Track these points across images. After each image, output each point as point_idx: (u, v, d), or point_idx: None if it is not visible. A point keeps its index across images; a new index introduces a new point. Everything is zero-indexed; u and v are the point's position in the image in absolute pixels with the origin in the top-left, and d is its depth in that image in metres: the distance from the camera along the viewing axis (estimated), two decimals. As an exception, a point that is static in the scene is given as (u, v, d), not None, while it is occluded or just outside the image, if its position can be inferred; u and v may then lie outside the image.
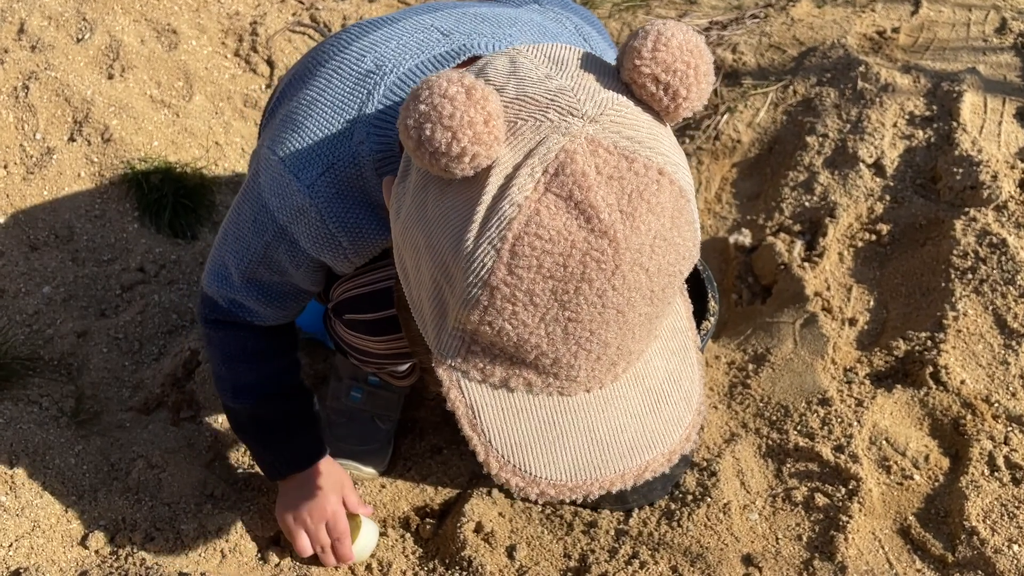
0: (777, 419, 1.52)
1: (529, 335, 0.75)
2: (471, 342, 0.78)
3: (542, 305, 0.74)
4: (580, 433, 0.80)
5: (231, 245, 1.17)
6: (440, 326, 0.80)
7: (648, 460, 0.80)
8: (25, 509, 1.30)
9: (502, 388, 0.79)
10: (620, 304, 0.75)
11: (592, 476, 0.79)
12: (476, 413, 0.79)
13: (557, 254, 0.72)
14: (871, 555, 1.32)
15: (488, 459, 0.78)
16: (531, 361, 0.78)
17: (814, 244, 1.83)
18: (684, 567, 1.31)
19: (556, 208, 0.71)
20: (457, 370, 0.79)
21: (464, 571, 1.32)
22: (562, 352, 0.77)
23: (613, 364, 0.80)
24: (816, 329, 1.66)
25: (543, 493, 0.78)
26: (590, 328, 0.75)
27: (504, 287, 0.73)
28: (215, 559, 1.31)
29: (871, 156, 1.94)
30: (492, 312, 0.74)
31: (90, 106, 2.01)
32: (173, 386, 1.61)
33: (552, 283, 0.73)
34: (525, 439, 0.79)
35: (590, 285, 0.73)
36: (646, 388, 0.83)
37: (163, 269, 1.86)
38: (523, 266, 0.72)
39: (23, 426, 1.43)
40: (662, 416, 0.82)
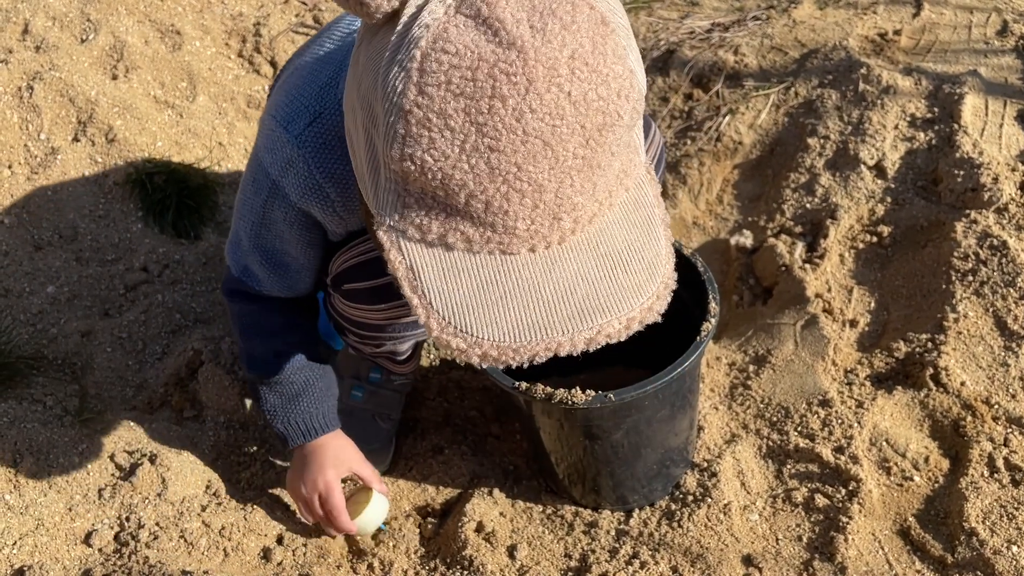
0: (778, 420, 1.53)
1: (452, 169, 0.73)
2: (403, 191, 0.77)
3: (458, 129, 0.72)
4: (524, 293, 0.77)
5: (239, 210, 1.22)
6: (376, 182, 0.79)
7: (601, 323, 0.77)
8: (29, 507, 1.31)
9: (440, 246, 0.77)
10: (544, 133, 0.73)
11: (537, 337, 0.76)
12: (416, 273, 0.77)
13: (464, 67, 0.71)
14: (871, 556, 1.33)
15: (429, 321, 0.76)
16: (463, 208, 0.75)
17: (815, 246, 1.83)
18: (684, 567, 1.32)
19: (464, 26, 0.72)
20: (395, 230, 0.78)
21: (465, 571, 1.33)
22: (491, 192, 0.74)
23: (556, 218, 0.77)
24: (817, 330, 1.66)
25: (485, 355, 0.76)
26: (515, 161, 0.73)
27: (417, 109, 0.72)
28: (218, 558, 1.32)
29: (872, 158, 1.94)
30: (410, 142, 0.73)
31: (94, 106, 2.01)
32: (176, 386, 1.61)
33: (464, 101, 0.71)
34: (467, 299, 0.76)
35: (503, 103, 0.71)
36: (600, 254, 0.80)
37: (167, 269, 1.87)
38: (432, 83, 0.71)
39: (27, 425, 1.44)
40: (619, 282, 0.79)
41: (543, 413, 1.32)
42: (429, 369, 1.76)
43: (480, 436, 1.62)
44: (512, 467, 1.56)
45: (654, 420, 1.28)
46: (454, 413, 1.67)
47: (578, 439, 1.33)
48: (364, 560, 1.38)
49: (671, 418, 1.31)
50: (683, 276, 1.36)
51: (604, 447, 1.32)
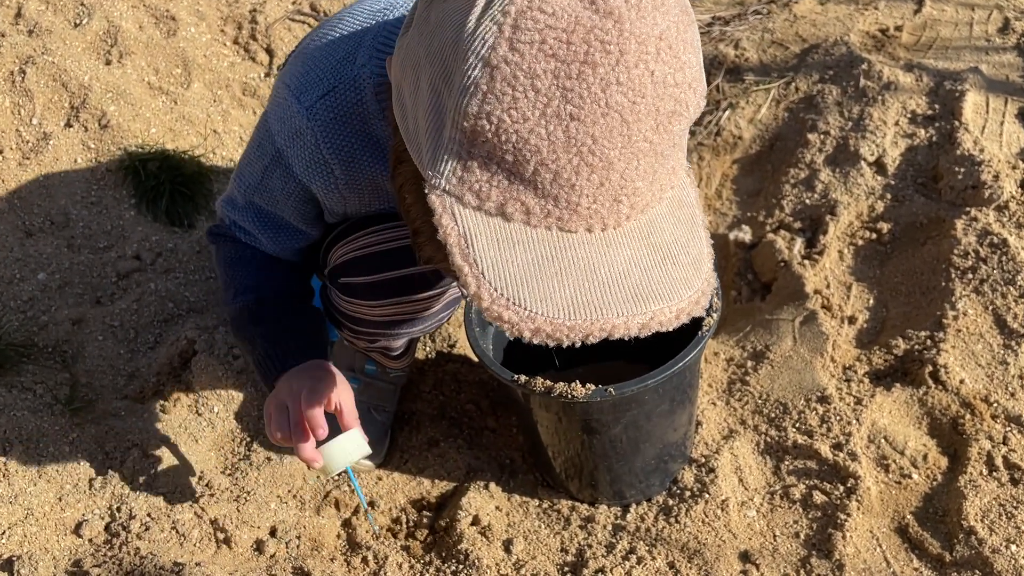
0: (776, 416, 1.52)
1: (529, 132, 0.72)
2: (468, 153, 0.74)
3: (544, 92, 0.71)
4: (580, 272, 0.75)
5: (239, 171, 1.21)
6: (436, 141, 0.76)
7: (655, 310, 0.75)
8: (19, 497, 1.29)
9: (498, 216, 0.75)
10: (624, 108, 0.72)
11: (592, 316, 0.74)
12: (469, 241, 0.74)
13: (560, 30, 0.70)
14: (869, 553, 1.32)
15: (480, 291, 0.73)
16: (530, 176, 0.73)
17: (814, 242, 1.82)
18: (681, 563, 1.31)
19: None
20: (450, 194, 0.75)
21: (461, 564, 1.32)
22: (563, 162, 0.73)
23: (616, 200, 0.76)
24: (816, 327, 1.65)
25: (539, 330, 0.73)
26: (592, 133, 0.72)
27: (505, 66, 0.70)
28: (210, 549, 1.31)
29: (872, 154, 1.93)
30: (491, 99, 0.71)
31: (87, 92, 1.99)
32: (169, 375, 1.59)
33: (555, 63, 0.70)
34: (521, 272, 0.74)
35: (593, 70, 0.71)
36: (652, 244, 0.78)
37: (159, 257, 1.85)
38: (525, 40, 0.70)
39: (17, 413, 1.42)
40: (669, 274, 0.78)
41: (541, 407, 1.31)
42: (425, 362, 1.74)
43: (476, 429, 1.61)
44: (508, 460, 1.55)
45: (653, 415, 1.27)
46: (450, 406, 1.66)
47: (576, 433, 1.32)
48: (358, 553, 1.36)
49: (670, 413, 1.30)
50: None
51: (602, 441, 1.31)
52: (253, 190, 1.20)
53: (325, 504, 1.46)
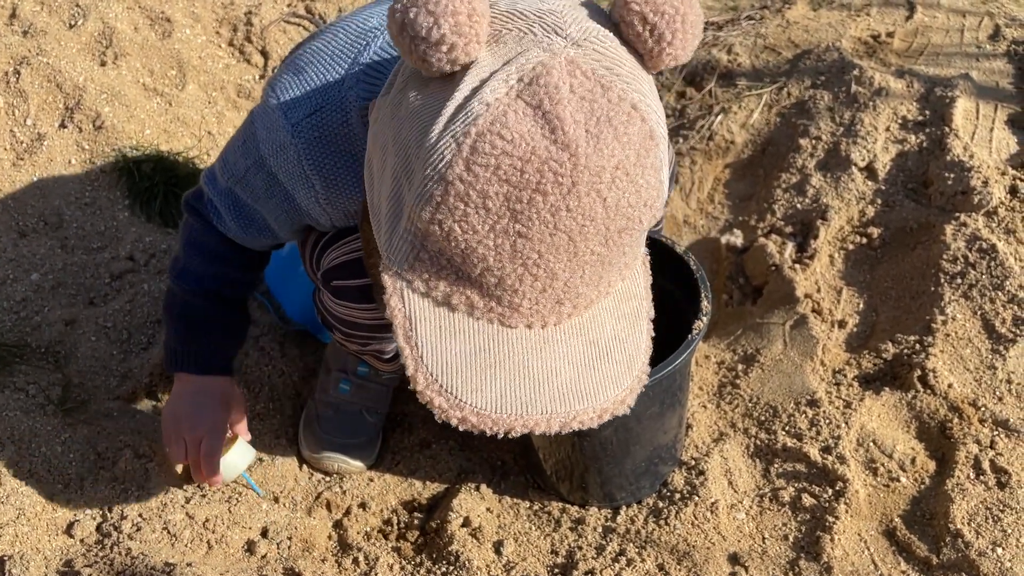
0: (766, 419, 1.53)
1: (477, 243, 0.75)
2: (420, 247, 0.77)
3: (494, 211, 0.73)
4: (514, 367, 0.78)
5: (224, 155, 1.22)
6: (393, 228, 0.79)
7: (578, 410, 0.80)
8: (10, 497, 1.29)
9: (444, 306, 0.78)
10: (572, 231, 0.75)
11: (517, 411, 0.77)
12: (413, 325, 0.78)
13: (516, 157, 0.72)
14: (856, 556, 1.33)
15: (416, 374, 0.77)
16: (476, 277, 0.77)
17: (805, 246, 1.83)
18: (671, 565, 1.31)
19: (523, 114, 0.73)
20: (402, 278, 0.79)
21: (451, 566, 1.32)
22: (508, 271, 0.76)
23: (559, 302, 0.79)
24: (806, 330, 1.66)
25: (464, 419, 0.77)
26: (538, 249, 0.75)
27: (459, 183, 0.73)
28: (201, 550, 1.31)
29: (863, 159, 1.94)
30: (444, 210, 0.74)
31: (82, 93, 1.99)
32: (161, 376, 1.60)
33: (507, 188, 0.73)
34: (457, 361, 0.77)
35: (544, 198, 0.73)
36: (589, 340, 0.82)
37: (153, 258, 1.85)
38: (481, 164, 0.72)
39: (9, 413, 1.42)
40: (600, 371, 0.82)
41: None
42: (417, 363, 1.75)
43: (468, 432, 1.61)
44: (499, 462, 1.56)
45: (643, 417, 1.28)
46: (442, 408, 1.66)
47: (566, 436, 1.32)
48: (349, 554, 1.37)
49: (660, 416, 1.31)
50: (675, 274, 1.37)
51: (592, 444, 1.32)
52: (236, 181, 1.21)
53: (316, 505, 1.46)
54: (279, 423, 1.58)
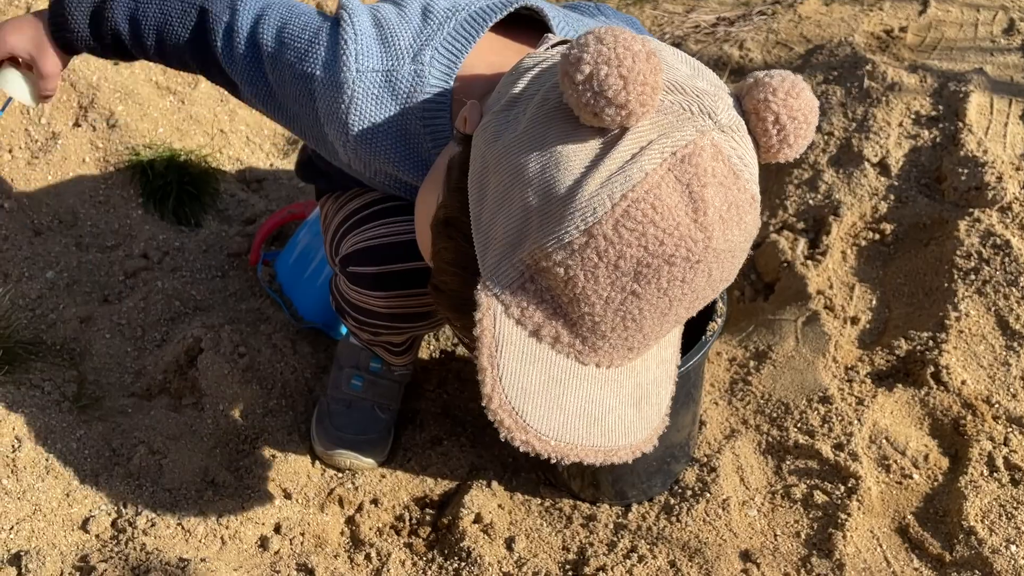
0: (777, 416, 1.53)
1: (592, 292, 0.80)
2: (529, 279, 0.82)
3: (623, 271, 0.78)
4: (578, 400, 0.83)
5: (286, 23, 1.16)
6: (506, 254, 0.83)
7: (620, 446, 0.86)
8: (26, 492, 1.31)
9: (532, 335, 0.83)
10: (675, 298, 0.82)
11: (573, 442, 0.83)
12: (499, 347, 0.82)
13: (661, 229, 0.77)
14: (869, 553, 1.32)
15: (493, 393, 0.81)
16: (574, 318, 0.82)
17: (817, 242, 1.83)
18: (682, 562, 1.31)
19: (674, 190, 0.77)
20: (500, 301, 0.82)
21: (463, 562, 1.33)
22: (607, 320, 0.81)
23: (630, 349, 0.85)
24: (818, 327, 1.66)
25: (527, 442, 0.81)
26: (643, 308, 0.81)
27: (602, 240, 0.77)
28: (215, 545, 1.32)
29: (876, 155, 1.93)
30: (577, 259, 0.78)
31: (96, 91, 2.00)
32: (176, 373, 1.61)
33: (642, 253, 0.78)
34: (531, 388, 0.82)
35: (670, 269, 0.79)
36: (637, 383, 0.88)
37: (166, 256, 1.86)
38: (629, 228, 0.77)
39: (25, 410, 1.43)
40: (641, 412, 0.88)
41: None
42: (429, 360, 1.75)
43: (479, 427, 1.62)
44: (511, 459, 1.56)
45: (655, 414, 1.28)
46: (453, 404, 1.67)
47: (578, 432, 1.32)
48: (362, 550, 1.37)
49: (675, 415, 1.29)
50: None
51: (604, 441, 1.32)
52: (271, 60, 1.15)
53: (329, 501, 1.47)
54: (291, 419, 1.59)
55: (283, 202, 2.07)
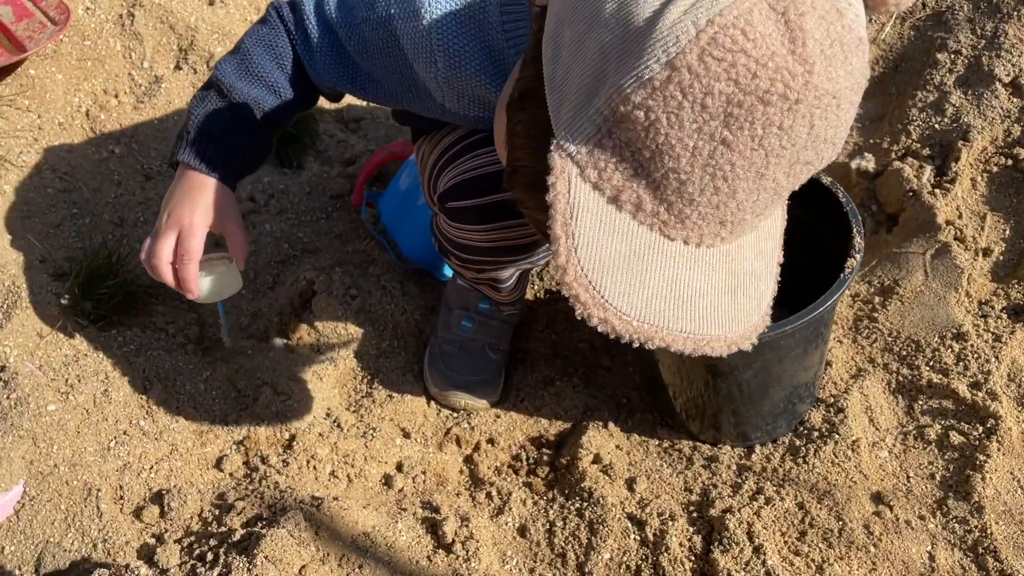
0: (908, 354, 1.46)
1: (676, 141, 0.71)
2: (608, 133, 0.73)
3: (710, 110, 0.69)
4: (664, 279, 0.75)
5: None
6: (581, 107, 0.75)
7: (712, 336, 0.77)
8: (163, 433, 1.35)
9: (611, 202, 0.75)
10: (772, 151, 0.72)
11: (658, 324, 0.74)
12: (574, 213, 0.74)
13: (754, 59, 0.68)
14: (1010, 495, 1.27)
15: (567, 264, 0.73)
16: (657, 177, 0.73)
17: (945, 169, 1.72)
18: (811, 504, 1.28)
19: (768, 17, 0.68)
20: (575, 162, 0.75)
21: (585, 502, 1.32)
22: (695, 177, 0.72)
23: (722, 223, 0.76)
24: (948, 260, 1.57)
25: (606, 320, 0.73)
26: (734, 161, 0.72)
27: (686, 72, 0.69)
28: (343, 484, 1.34)
29: (1008, 74, 1.80)
30: (659, 97, 0.70)
31: (194, 33, 2.00)
32: (291, 315, 1.63)
33: (733, 89, 0.69)
34: (611, 261, 0.74)
35: (765, 109, 0.69)
36: (731, 271, 0.79)
37: (272, 199, 1.87)
38: (716, 56, 0.68)
39: (153, 352, 1.47)
40: (737, 303, 0.79)
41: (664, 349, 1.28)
42: (535, 301, 1.74)
43: (591, 368, 1.60)
44: (625, 400, 1.54)
45: (786, 359, 1.24)
46: (563, 345, 1.65)
47: (700, 377, 1.29)
48: (482, 489, 1.38)
49: (803, 355, 1.26)
50: (821, 206, 1.30)
51: (729, 385, 1.28)
52: (346, 27, 1.15)
53: (446, 441, 1.48)
54: (404, 360, 1.59)
55: (382, 141, 2.05)
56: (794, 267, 1.35)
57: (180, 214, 1.18)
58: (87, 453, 1.28)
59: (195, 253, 1.17)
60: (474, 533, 1.24)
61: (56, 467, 1.25)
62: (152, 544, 1.20)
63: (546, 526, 1.31)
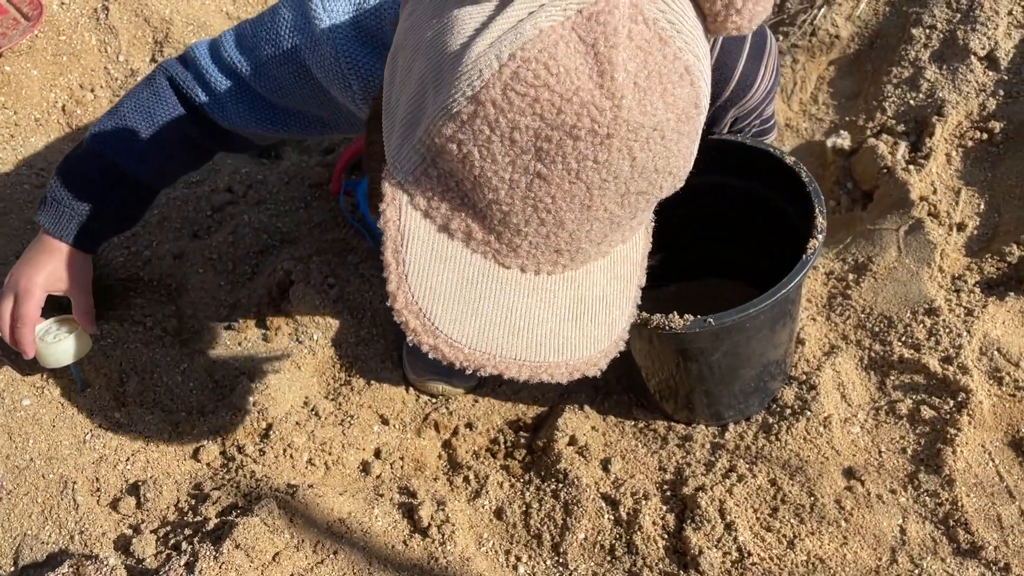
0: (880, 330, 1.47)
1: (493, 174, 0.71)
2: (431, 162, 0.73)
3: (519, 145, 0.69)
4: (498, 307, 0.75)
5: (240, 31, 1.17)
6: (407, 135, 0.75)
7: (551, 363, 0.76)
8: (138, 425, 1.36)
9: (442, 230, 0.75)
10: (592, 184, 0.71)
11: (492, 351, 0.74)
12: (405, 240, 0.74)
13: (557, 93, 0.67)
14: (980, 468, 1.28)
15: (397, 292, 0.74)
16: (481, 207, 0.73)
17: (919, 145, 1.72)
18: (783, 480, 1.29)
19: (575, 50, 0.67)
20: (405, 190, 0.75)
21: (560, 483, 1.34)
22: (516, 209, 0.72)
23: (558, 252, 0.76)
24: (922, 235, 1.58)
25: (436, 348, 0.74)
26: (553, 195, 0.71)
27: (491, 107, 0.68)
28: (320, 471, 1.36)
29: (983, 48, 1.80)
30: (468, 131, 0.69)
31: (169, 26, 2.00)
32: (268, 305, 1.64)
33: (539, 124, 0.68)
34: (442, 288, 0.74)
35: (574, 144, 0.68)
36: (577, 296, 0.78)
37: (250, 189, 1.87)
38: (519, 91, 0.67)
39: (131, 345, 1.48)
40: (581, 330, 0.78)
41: (635, 333, 1.29)
42: (514, 283, 1.74)
43: (569, 350, 1.61)
44: (602, 382, 1.55)
45: (754, 339, 1.24)
46: (541, 327, 1.66)
47: (671, 359, 1.30)
48: (460, 473, 1.40)
49: (772, 334, 1.27)
50: (786, 186, 1.30)
51: (700, 367, 1.29)
52: (251, 67, 1.15)
53: (425, 426, 1.49)
54: (383, 348, 1.60)
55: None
56: (763, 248, 1.36)
57: (18, 277, 1.21)
58: (63, 446, 1.29)
59: (28, 318, 1.21)
60: (450, 517, 1.25)
61: (32, 461, 1.26)
62: (129, 535, 1.21)
63: (522, 508, 1.32)
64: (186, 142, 1.26)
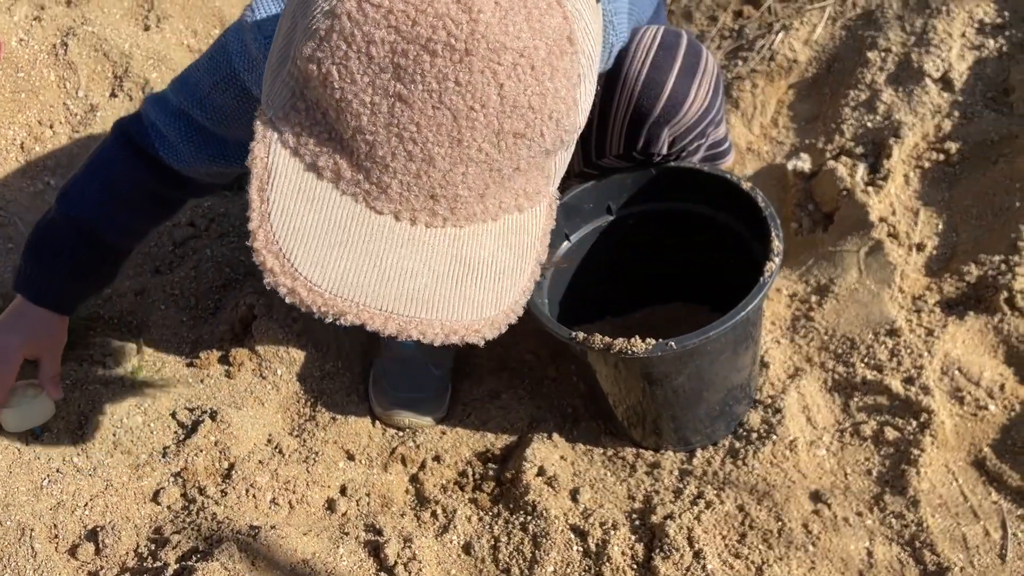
0: (843, 352, 1.48)
1: (353, 96, 0.69)
2: (299, 95, 0.73)
3: (376, 61, 0.68)
4: (366, 253, 0.72)
5: (183, 77, 1.18)
6: (279, 71, 0.75)
7: (422, 319, 0.72)
8: (97, 468, 1.33)
9: (311, 170, 0.73)
10: (458, 110, 0.69)
11: (355, 298, 0.71)
12: (271, 177, 0.72)
13: (412, 4, 0.67)
14: (944, 488, 1.29)
15: (258, 230, 0.71)
16: (347, 140, 0.71)
17: (878, 167, 1.74)
18: (751, 505, 1.29)
19: None
20: (275, 127, 0.74)
21: (529, 515, 1.33)
22: (381, 138, 0.70)
23: (432, 197, 0.73)
24: (882, 257, 1.59)
25: (294, 291, 0.71)
26: (418, 121, 0.70)
27: (347, 20, 0.68)
28: (284, 511, 1.34)
29: (938, 70, 1.83)
30: (326, 48, 0.69)
31: (129, 60, 1.99)
32: (231, 341, 1.62)
33: (395, 37, 0.67)
34: (306, 230, 0.72)
35: (432, 59, 0.67)
36: (459, 257, 0.75)
37: (212, 223, 1.86)
38: (373, 3, 0.67)
39: (90, 386, 1.46)
40: (462, 292, 0.75)
41: (601, 360, 1.29)
42: (481, 312, 1.74)
43: (537, 379, 1.61)
44: (570, 409, 1.55)
45: (716, 362, 1.25)
46: (509, 357, 1.65)
47: (637, 385, 1.30)
48: (428, 508, 1.38)
49: (734, 357, 1.27)
50: (743, 211, 1.31)
51: (665, 391, 1.29)
52: (195, 103, 1.15)
53: (392, 461, 1.48)
54: (349, 381, 1.59)
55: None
56: (726, 273, 1.37)
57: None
58: (19, 493, 1.26)
59: (4, 384, 1.25)
60: (417, 553, 1.24)
61: (-13, 509, 1.23)
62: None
63: (491, 542, 1.31)
64: (150, 196, 1.27)
